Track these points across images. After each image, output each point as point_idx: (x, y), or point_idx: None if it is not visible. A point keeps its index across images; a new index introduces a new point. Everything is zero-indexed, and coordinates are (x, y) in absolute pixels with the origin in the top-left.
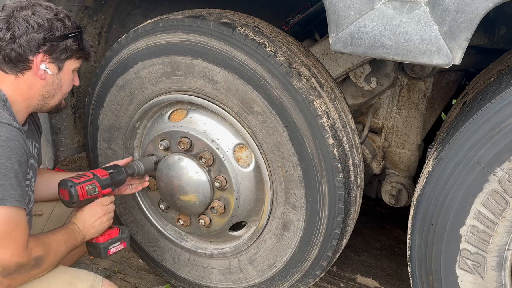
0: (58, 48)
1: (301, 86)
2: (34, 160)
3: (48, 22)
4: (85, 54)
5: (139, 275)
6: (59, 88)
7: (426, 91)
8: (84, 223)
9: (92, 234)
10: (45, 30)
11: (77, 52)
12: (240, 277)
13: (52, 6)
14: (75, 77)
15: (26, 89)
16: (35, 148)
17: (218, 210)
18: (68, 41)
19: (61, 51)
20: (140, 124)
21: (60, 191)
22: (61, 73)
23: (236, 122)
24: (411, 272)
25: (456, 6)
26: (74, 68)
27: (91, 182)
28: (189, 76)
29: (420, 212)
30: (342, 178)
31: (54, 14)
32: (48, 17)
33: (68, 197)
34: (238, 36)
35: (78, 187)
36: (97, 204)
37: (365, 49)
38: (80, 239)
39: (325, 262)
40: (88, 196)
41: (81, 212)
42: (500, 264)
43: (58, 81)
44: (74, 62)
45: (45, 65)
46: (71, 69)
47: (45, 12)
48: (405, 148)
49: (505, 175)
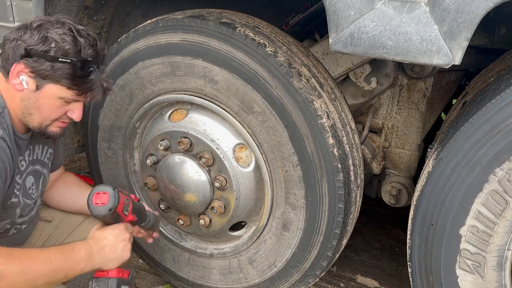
0: (42, 66)
1: (301, 86)
2: (41, 166)
3: (43, 37)
4: (77, 86)
5: (139, 275)
6: (35, 108)
7: (426, 91)
8: (103, 244)
9: (109, 261)
10: (34, 42)
11: (64, 80)
12: (240, 277)
13: (75, 29)
14: (74, 109)
15: (11, 97)
16: (46, 153)
17: (218, 210)
18: (56, 64)
19: (44, 71)
20: (140, 124)
21: (96, 195)
22: (38, 93)
23: (236, 122)
24: (411, 272)
25: (456, 6)
26: (61, 96)
27: (127, 197)
28: (189, 76)
29: (420, 212)
30: (342, 178)
31: (61, 33)
32: (49, 34)
33: (106, 202)
34: (238, 36)
35: (121, 194)
36: (124, 226)
37: (365, 49)
38: (83, 265)
39: (325, 262)
40: (121, 211)
41: (102, 230)
42: (500, 264)
43: (34, 99)
44: (60, 90)
45: (23, 77)
46: (55, 95)
47: (54, 29)
48: (405, 148)
49: (505, 175)
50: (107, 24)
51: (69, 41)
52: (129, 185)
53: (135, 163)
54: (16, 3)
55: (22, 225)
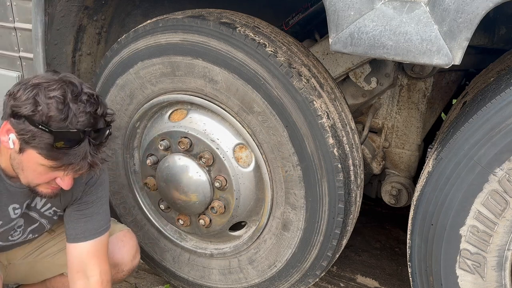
0: (25, 129)
1: (301, 86)
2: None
3: (29, 99)
4: (54, 159)
5: (139, 275)
6: (20, 169)
7: (426, 91)
8: None
9: None
10: (20, 104)
11: (42, 149)
12: (240, 277)
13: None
14: (64, 178)
15: (2, 152)
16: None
17: (218, 210)
18: (35, 131)
19: (26, 135)
20: (140, 124)
21: None
22: (21, 156)
23: (236, 122)
24: (411, 272)
25: (456, 6)
26: (41, 163)
27: None
28: (189, 76)
29: (420, 212)
30: (342, 178)
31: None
32: (38, 97)
33: None
34: (238, 36)
35: None
36: None
37: (365, 49)
38: None
39: (325, 262)
40: None
41: None
42: (500, 264)
43: (18, 161)
44: (39, 158)
45: (12, 135)
46: (36, 161)
47: (47, 91)
48: (405, 148)
49: (505, 175)
50: (107, 24)
51: (54, 107)
52: (129, 185)
53: (135, 163)
54: (16, 3)
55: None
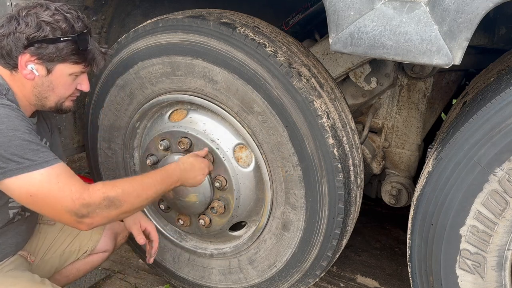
0: (47, 50)
1: (301, 86)
2: None
3: (38, 24)
4: (83, 59)
5: (139, 275)
6: (50, 90)
7: (426, 91)
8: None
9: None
10: (32, 30)
11: (71, 56)
12: (240, 277)
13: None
14: (81, 81)
15: (21, 86)
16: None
17: (218, 210)
18: (59, 45)
19: (50, 54)
20: (140, 124)
21: None
22: (51, 76)
23: (236, 122)
24: (411, 272)
25: (456, 6)
26: (71, 72)
27: None
28: (189, 76)
29: (420, 212)
30: (342, 178)
31: (51, 15)
32: (42, 19)
33: None
34: (238, 36)
35: None
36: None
37: (365, 49)
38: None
39: (325, 262)
40: None
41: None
42: (500, 264)
43: (48, 83)
44: (70, 67)
45: (32, 66)
46: (65, 73)
47: (43, 13)
48: (405, 148)
49: (505, 175)
50: (107, 24)
51: (62, 20)
52: None
53: (135, 163)
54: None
55: (25, 212)
